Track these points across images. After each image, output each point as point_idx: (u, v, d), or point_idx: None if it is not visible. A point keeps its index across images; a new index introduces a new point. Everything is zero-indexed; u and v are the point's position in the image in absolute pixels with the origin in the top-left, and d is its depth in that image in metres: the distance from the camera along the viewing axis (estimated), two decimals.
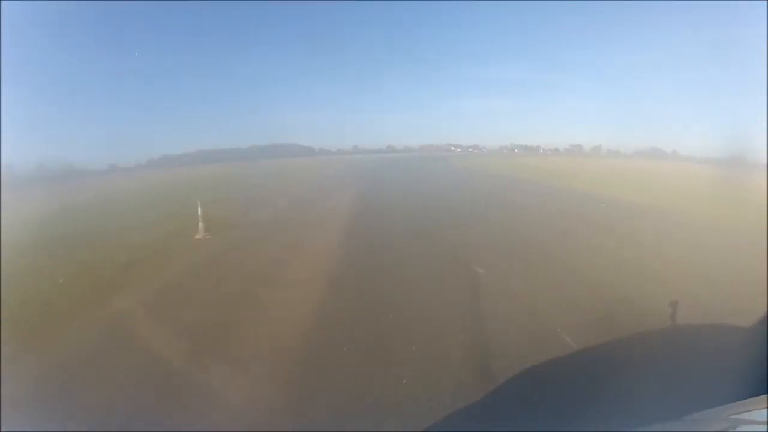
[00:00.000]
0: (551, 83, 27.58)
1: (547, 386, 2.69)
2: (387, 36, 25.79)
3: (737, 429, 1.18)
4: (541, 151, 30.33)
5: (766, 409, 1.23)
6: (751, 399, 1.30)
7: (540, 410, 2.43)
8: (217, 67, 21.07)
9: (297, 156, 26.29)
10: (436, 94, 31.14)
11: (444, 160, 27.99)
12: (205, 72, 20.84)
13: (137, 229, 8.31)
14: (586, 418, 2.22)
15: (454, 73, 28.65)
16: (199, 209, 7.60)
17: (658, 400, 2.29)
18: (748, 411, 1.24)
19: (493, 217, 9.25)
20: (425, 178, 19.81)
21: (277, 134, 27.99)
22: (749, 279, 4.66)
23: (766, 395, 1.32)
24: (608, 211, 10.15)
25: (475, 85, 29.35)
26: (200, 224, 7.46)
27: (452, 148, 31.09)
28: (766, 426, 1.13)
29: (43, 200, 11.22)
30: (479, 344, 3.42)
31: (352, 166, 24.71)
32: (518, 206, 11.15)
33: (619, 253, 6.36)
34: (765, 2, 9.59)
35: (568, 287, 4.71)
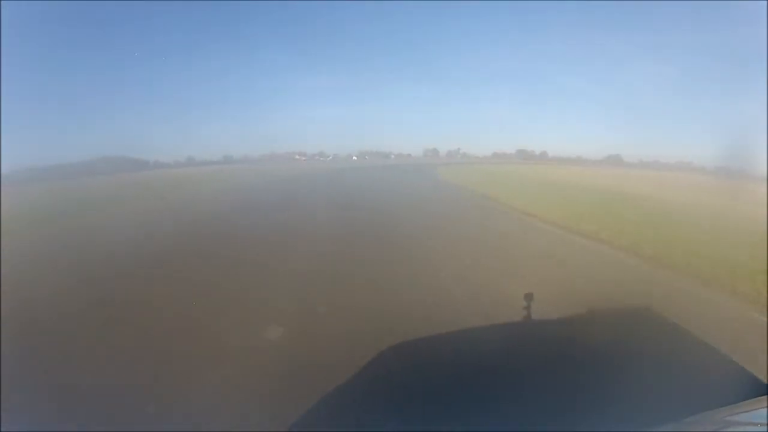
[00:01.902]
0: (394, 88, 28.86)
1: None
2: (210, 41, 23.48)
3: (737, 429, 1.18)
4: (393, 157, 31.03)
5: (766, 410, 1.23)
6: (751, 399, 1.30)
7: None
8: None
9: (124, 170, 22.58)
10: (280, 102, 28.98)
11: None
12: None
13: None
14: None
15: (299, 79, 28.65)
16: None
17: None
18: (748, 411, 1.24)
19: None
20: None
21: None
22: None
23: (765, 395, 1.32)
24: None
25: (325, 91, 28.35)
26: None
27: (297, 157, 29.56)
28: (766, 426, 1.13)
29: None
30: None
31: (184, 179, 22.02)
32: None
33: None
34: (765, 2, 9.60)
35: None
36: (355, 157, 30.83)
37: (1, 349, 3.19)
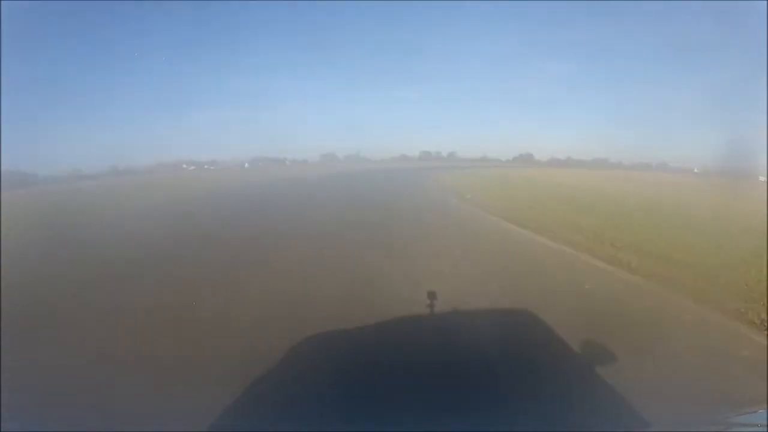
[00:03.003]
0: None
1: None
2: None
3: (737, 430, 1.18)
4: (288, 163, 29.10)
5: (766, 410, 1.24)
6: (751, 400, 1.31)
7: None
8: None
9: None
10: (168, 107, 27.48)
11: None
12: None
13: None
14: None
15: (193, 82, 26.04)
16: None
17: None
18: (748, 412, 1.24)
19: None
20: None
21: None
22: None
23: (766, 396, 1.33)
24: None
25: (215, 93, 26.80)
26: None
27: (184, 166, 26.79)
28: (766, 427, 1.13)
29: None
30: None
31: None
32: None
33: None
34: (765, 2, 9.60)
35: None
36: (247, 164, 28.07)
37: (1, 349, 3.20)
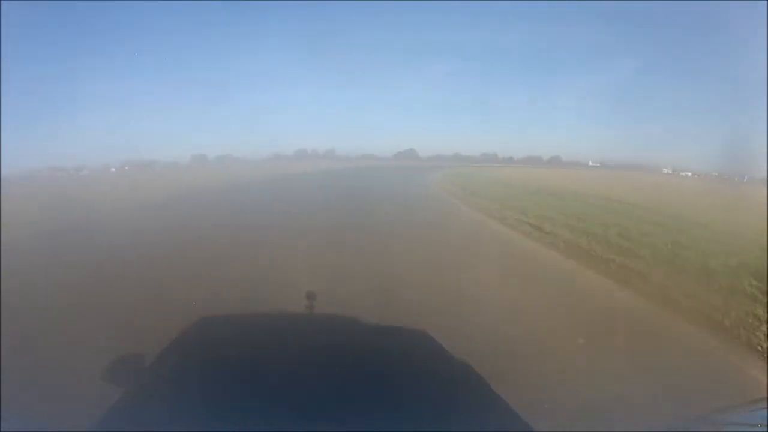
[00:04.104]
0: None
1: None
2: None
3: (737, 429, 1.18)
4: (158, 168, 26.56)
5: (766, 410, 1.23)
6: (751, 399, 1.31)
7: None
8: None
9: None
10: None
11: None
12: None
13: None
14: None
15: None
16: None
17: None
18: (748, 412, 1.24)
19: None
20: None
21: None
22: None
23: (766, 395, 1.33)
24: None
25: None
26: None
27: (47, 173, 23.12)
28: (766, 427, 1.13)
29: None
30: None
31: None
32: None
33: None
34: (765, 2, 9.60)
35: None
36: (113, 169, 25.37)
37: (1, 349, 3.20)
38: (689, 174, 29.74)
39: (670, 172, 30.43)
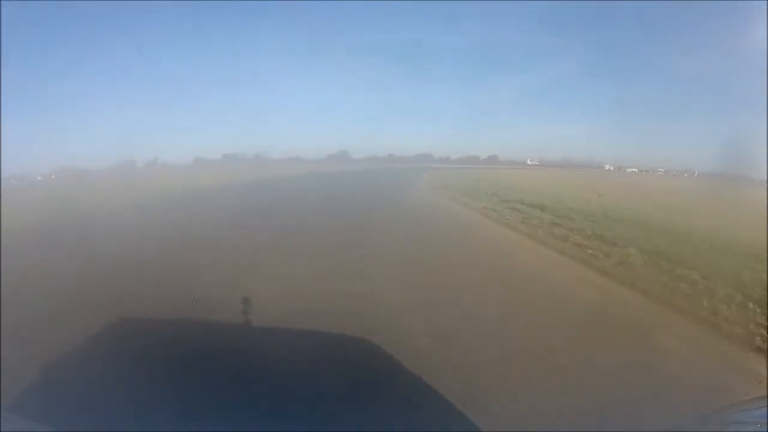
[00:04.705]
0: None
1: None
2: None
3: (737, 429, 1.18)
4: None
5: (766, 409, 1.23)
6: (751, 399, 1.30)
7: None
8: None
9: None
10: None
11: None
12: None
13: None
14: None
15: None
16: None
17: None
18: (748, 411, 1.24)
19: None
20: None
21: None
22: None
23: (766, 395, 1.32)
24: None
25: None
26: None
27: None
28: (766, 426, 1.13)
29: None
30: None
31: None
32: None
33: None
34: (765, 2, 9.60)
35: None
36: (54, 176, 23.87)
37: (0, 349, 3.19)
38: (635, 170, 33.37)
39: (612, 168, 32.99)
